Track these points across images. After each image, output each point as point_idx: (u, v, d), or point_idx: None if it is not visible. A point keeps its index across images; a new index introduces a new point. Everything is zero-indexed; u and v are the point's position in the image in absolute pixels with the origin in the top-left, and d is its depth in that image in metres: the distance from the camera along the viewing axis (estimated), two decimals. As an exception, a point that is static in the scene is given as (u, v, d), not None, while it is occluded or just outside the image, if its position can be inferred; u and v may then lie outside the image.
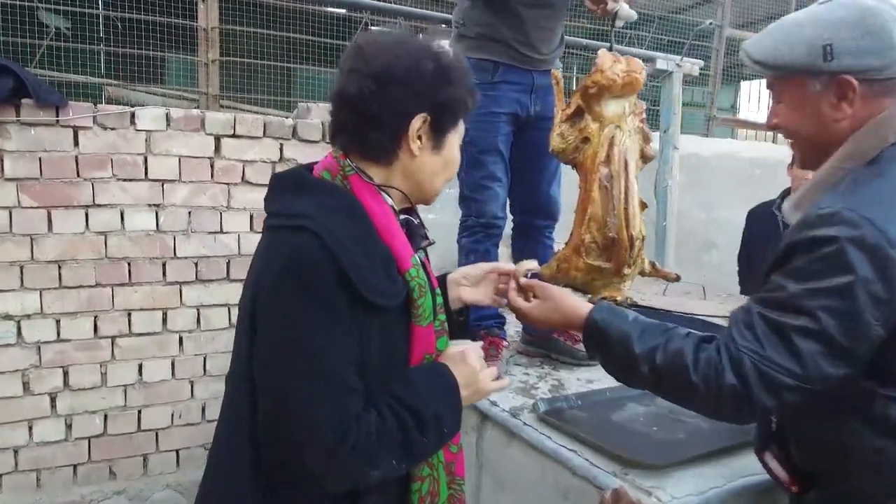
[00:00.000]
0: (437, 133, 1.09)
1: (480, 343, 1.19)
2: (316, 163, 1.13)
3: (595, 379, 2.11)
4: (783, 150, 5.44)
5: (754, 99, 10.65)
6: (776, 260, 1.06)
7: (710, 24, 4.63)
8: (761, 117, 7.36)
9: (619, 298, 1.92)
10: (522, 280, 1.34)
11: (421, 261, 1.14)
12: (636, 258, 1.89)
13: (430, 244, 1.19)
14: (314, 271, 0.96)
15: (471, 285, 1.33)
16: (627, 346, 1.13)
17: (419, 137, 1.07)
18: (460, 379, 1.09)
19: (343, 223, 1.00)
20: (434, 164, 1.11)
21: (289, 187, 1.08)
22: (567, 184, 2.28)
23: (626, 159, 1.88)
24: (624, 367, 1.18)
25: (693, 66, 4.01)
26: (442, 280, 1.32)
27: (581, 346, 2.28)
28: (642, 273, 1.88)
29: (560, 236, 2.80)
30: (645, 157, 1.88)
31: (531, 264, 1.38)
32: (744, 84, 11.52)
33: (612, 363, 1.20)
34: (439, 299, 1.17)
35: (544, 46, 2.09)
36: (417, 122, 1.06)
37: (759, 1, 5.93)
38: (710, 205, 4.76)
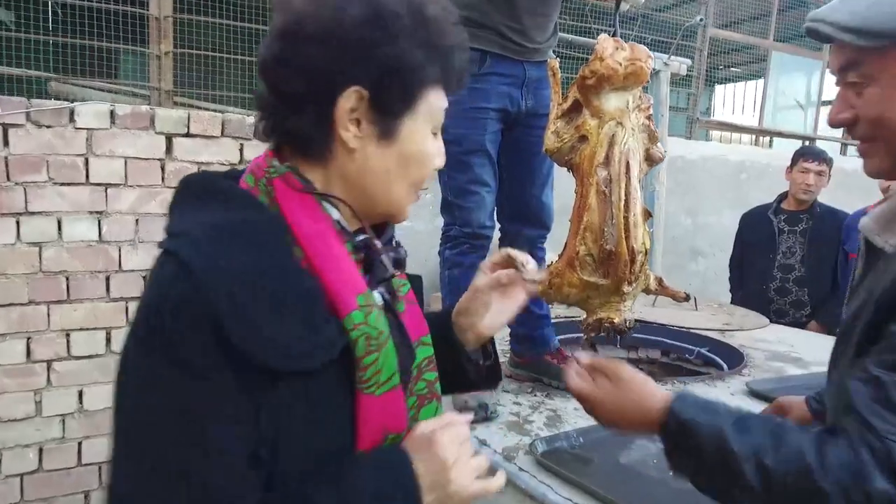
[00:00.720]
0: (383, 115, 0.76)
1: (469, 416, 0.83)
2: None
3: (594, 408, 1.88)
4: (770, 154, 5.32)
5: (728, 103, 10.65)
6: (890, 304, 0.81)
7: (701, 20, 4.46)
8: (746, 120, 7.26)
9: (616, 320, 1.69)
10: (585, 360, 1.06)
11: (384, 300, 0.83)
12: (638, 274, 1.66)
13: (392, 276, 0.82)
14: (174, 320, 0.64)
15: (486, 309, 0.97)
16: (722, 443, 0.85)
17: (355, 122, 0.75)
18: (423, 478, 0.73)
19: (240, 247, 0.69)
20: (384, 162, 0.77)
21: (192, 196, 0.77)
22: (561, 188, 2.05)
23: (629, 161, 1.65)
24: (718, 473, 0.87)
25: (681, 65, 3.82)
26: (444, 318, 0.99)
27: (576, 370, 2.06)
28: (647, 291, 1.66)
29: (553, 248, 2.60)
30: (651, 159, 1.66)
31: (531, 267, 0.99)
32: (718, 87, 11.56)
33: (703, 470, 0.89)
34: (425, 352, 0.86)
35: (538, 34, 1.85)
36: (348, 100, 0.73)
37: (742, 0, 5.80)
38: (695, 210, 4.59)
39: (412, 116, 0.78)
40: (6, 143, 2.34)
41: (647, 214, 1.62)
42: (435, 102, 0.80)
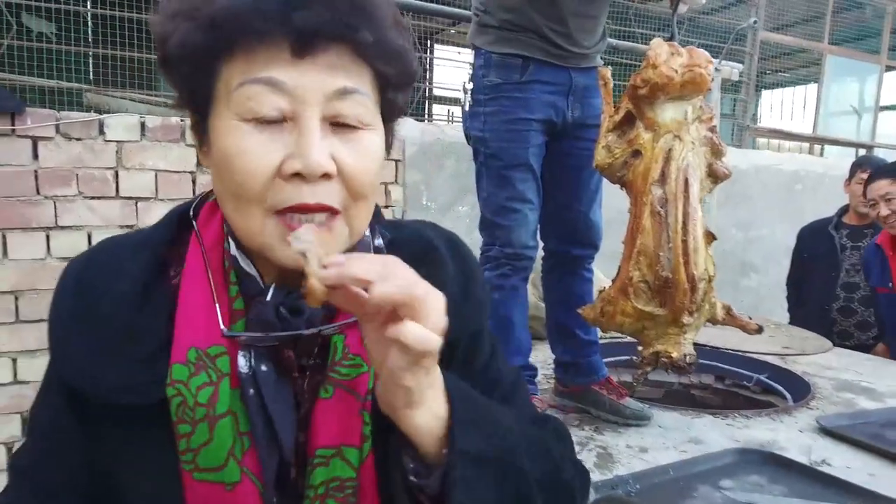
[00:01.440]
0: (197, 117, 0.64)
1: None
2: None
3: (649, 446, 1.72)
4: (826, 163, 5.04)
5: (775, 109, 10.27)
6: None
7: (755, 22, 4.25)
8: (795, 127, 6.95)
9: (674, 355, 1.54)
10: None
11: (250, 368, 0.63)
12: (701, 303, 1.51)
13: (281, 341, 0.63)
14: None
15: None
16: None
17: (198, 138, 0.65)
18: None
19: (104, 260, 0.67)
20: (215, 178, 0.63)
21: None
22: (607, 201, 1.90)
23: (687, 178, 1.51)
24: None
25: (732, 69, 3.63)
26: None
27: (628, 401, 1.90)
28: (714, 321, 1.50)
29: (604, 269, 2.44)
30: (714, 176, 1.51)
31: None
32: (765, 93, 11.17)
33: None
34: (331, 472, 0.63)
35: (585, 38, 1.71)
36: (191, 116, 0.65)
37: (794, 2, 5.54)
38: (747, 223, 4.36)
39: (215, 109, 0.61)
40: (36, 157, 2.30)
41: (711, 237, 1.47)
42: (232, 80, 0.58)
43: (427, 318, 0.54)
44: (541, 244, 1.89)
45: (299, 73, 0.57)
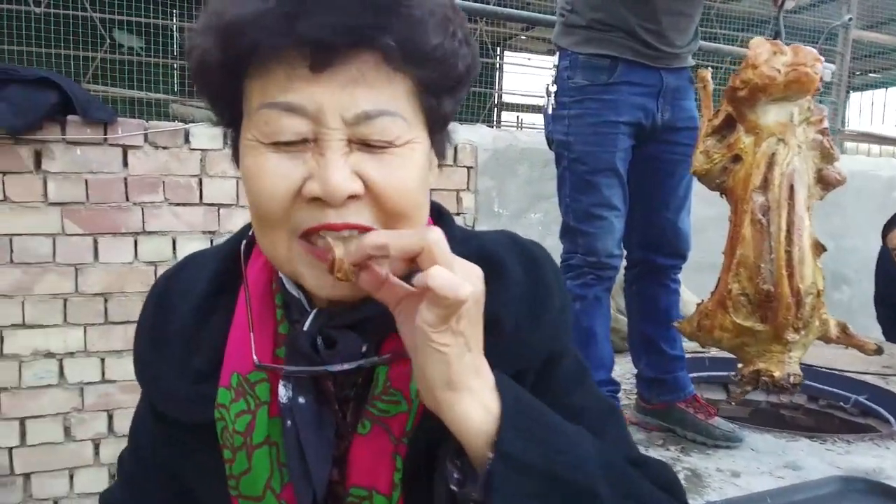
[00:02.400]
0: (230, 129, 0.61)
1: None
2: None
3: (742, 470, 1.62)
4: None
5: (864, 111, 9.68)
6: None
7: (850, 20, 4.00)
8: (889, 130, 6.53)
9: (776, 374, 1.43)
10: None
11: (289, 399, 0.59)
12: (809, 319, 1.40)
13: (315, 372, 0.59)
14: None
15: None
16: None
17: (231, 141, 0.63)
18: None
19: (186, 272, 0.69)
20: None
21: None
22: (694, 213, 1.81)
23: (792, 184, 1.41)
24: None
25: (825, 70, 3.42)
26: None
27: (717, 421, 1.80)
28: (826, 339, 1.39)
29: (693, 282, 2.33)
30: (824, 182, 1.40)
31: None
32: (853, 95, 10.55)
33: None
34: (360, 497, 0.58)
35: (678, 37, 1.63)
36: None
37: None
38: (840, 232, 4.10)
39: (242, 127, 0.57)
40: (125, 164, 2.39)
41: (820, 248, 1.36)
42: (253, 101, 0.54)
43: (450, 265, 0.50)
44: (624, 253, 1.82)
45: (318, 91, 0.52)
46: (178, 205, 2.46)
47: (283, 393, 0.59)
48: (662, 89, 1.64)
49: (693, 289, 2.60)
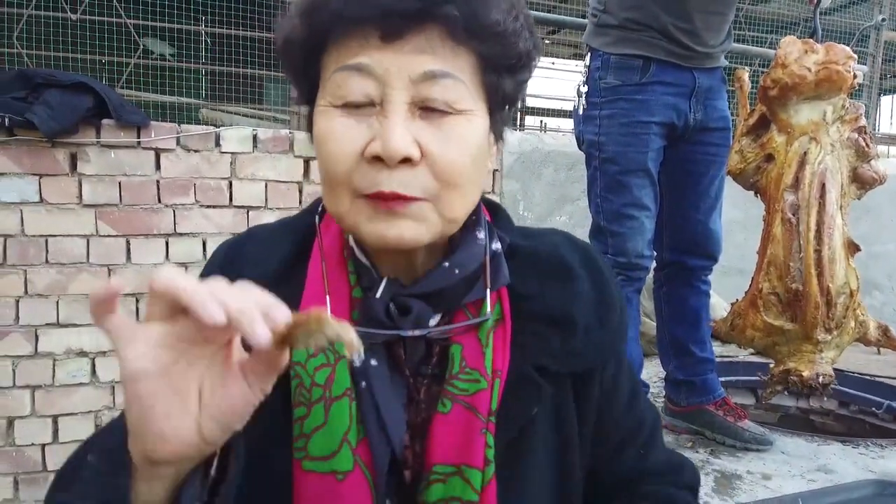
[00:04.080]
0: (308, 105, 0.65)
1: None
2: None
3: (772, 473, 1.60)
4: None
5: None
6: None
7: (883, 20, 3.93)
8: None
9: (805, 374, 1.42)
10: None
11: (362, 362, 0.61)
12: (842, 319, 1.39)
13: (387, 339, 0.61)
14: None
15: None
16: None
17: (308, 116, 0.67)
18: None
19: (266, 239, 0.70)
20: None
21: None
22: (738, 217, 1.79)
23: (823, 183, 1.40)
24: None
25: (857, 71, 3.37)
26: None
27: (747, 424, 1.78)
28: (865, 341, 1.37)
29: (720, 285, 2.30)
30: (860, 181, 1.38)
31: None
32: (884, 99, 10.35)
33: None
34: (446, 490, 0.59)
35: (711, 37, 1.62)
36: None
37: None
38: (871, 237, 4.03)
39: (318, 100, 0.61)
40: (158, 167, 2.43)
41: (854, 248, 1.35)
42: (328, 70, 0.59)
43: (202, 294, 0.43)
44: (654, 254, 1.81)
45: (387, 57, 0.56)
46: (208, 207, 2.50)
47: (357, 357, 0.61)
48: (695, 89, 1.63)
49: (720, 292, 2.58)
